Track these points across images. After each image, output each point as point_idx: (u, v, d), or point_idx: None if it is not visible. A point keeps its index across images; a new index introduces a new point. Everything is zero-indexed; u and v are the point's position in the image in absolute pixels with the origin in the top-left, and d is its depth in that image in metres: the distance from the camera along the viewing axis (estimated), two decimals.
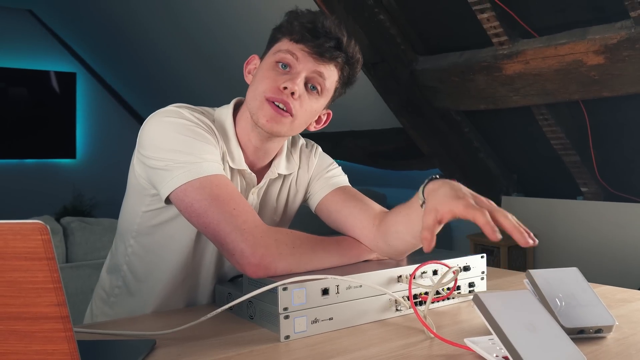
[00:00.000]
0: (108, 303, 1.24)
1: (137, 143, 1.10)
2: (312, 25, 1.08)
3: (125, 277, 1.21)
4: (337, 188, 1.23)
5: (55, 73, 5.93)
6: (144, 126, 1.09)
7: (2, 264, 0.59)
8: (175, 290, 1.17)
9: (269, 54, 1.13)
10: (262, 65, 1.13)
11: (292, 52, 1.09)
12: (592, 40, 2.29)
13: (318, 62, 1.09)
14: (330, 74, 1.12)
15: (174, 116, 1.07)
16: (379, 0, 2.91)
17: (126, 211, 1.20)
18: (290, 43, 1.09)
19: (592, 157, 2.88)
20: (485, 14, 2.46)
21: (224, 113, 1.17)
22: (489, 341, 0.81)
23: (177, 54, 4.77)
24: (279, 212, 1.25)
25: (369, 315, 1.00)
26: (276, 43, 1.12)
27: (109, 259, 1.28)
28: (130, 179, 1.16)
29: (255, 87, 1.11)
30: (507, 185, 3.61)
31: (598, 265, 2.92)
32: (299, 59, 1.09)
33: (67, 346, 0.61)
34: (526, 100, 2.76)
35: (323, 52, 1.08)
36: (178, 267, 1.15)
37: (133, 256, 1.19)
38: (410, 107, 3.24)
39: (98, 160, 6.13)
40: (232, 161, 1.14)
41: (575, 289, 0.95)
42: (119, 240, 1.23)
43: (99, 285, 1.30)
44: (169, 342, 0.89)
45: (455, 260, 1.11)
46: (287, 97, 1.08)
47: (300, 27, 1.08)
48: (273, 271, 0.96)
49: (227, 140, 1.14)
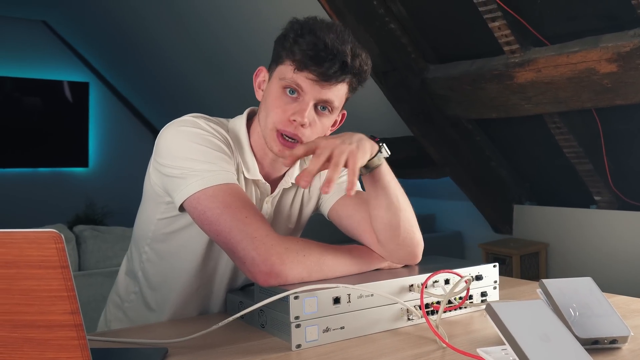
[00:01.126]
0: (122, 309, 1.25)
1: (154, 151, 1.11)
2: (313, 51, 1.04)
3: (141, 284, 1.22)
4: None
5: (69, 83, 5.99)
6: (160, 135, 1.10)
7: (17, 272, 0.59)
8: (189, 299, 1.17)
9: (275, 77, 1.11)
10: (270, 89, 1.12)
11: (297, 82, 1.07)
12: (604, 48, 2.28)
13: (324, 87, 1.08)
14: (338, 92, 1.10)
15: (190, 126, 1.08)
16: (389, 9, 2.91)
17: (141, 218, 1.21)
18: (293, 72, 1.07)
19: (606, 166, 2.86)
20: (497, 22, 2.46)
21: (237, 124, 1.18)
22: (502, 351, 0.80)
23: (187, 63, 4.81)
24: (292, 220, 1.26)
25: (381, 325, 0.99)
26: (280, 64, 1.10)
27: (126, 264, 1.29)
28: (146, 186, 1.17)
29: (267, 113, 1.11)
30: (520, 194, 3.59)
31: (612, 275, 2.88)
32: (305, 89, 1.07)
33: (81, 354, 0.61)
34: (538, 109, 2.75)
35: (328, 78, 1.06)
36: (192, 275, 1.15)
37: (147, 263, 1.19)
38: (421, 116, 3.24)
39: (110, 169, 6.17)
40: (248, 172, 1.15)
41: (589, 298, 0.94)
42: (134, 247, 1.24)
43: (113, 290, 1.31)
44: (181, 350, 0.90)
45: (467, 269, 1.10)
46: (297, 129, 1.08)
47: (302, 54, 1.05)
48: (284, 279, 0.96)
49: (242, 151, 1.15)
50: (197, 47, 4.52)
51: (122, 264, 1.31)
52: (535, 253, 3.34)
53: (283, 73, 1.08)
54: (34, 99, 5.85)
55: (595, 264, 3.07)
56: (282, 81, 1.09)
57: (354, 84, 1.13)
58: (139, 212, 1.23)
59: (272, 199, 1.20)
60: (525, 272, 3.27)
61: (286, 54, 1.08)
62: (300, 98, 1.08)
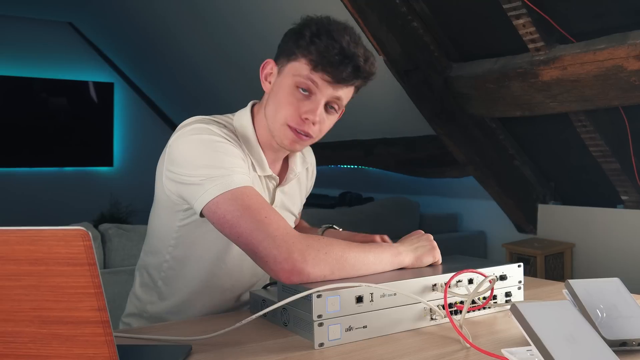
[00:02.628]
0: (143, 318, 1.26)
1: (167, 160, 1.12)
2: (330, 54, 1.08)
3: (161, 292, 1.23)
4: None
5: (94, 83, 6.08)
6: (172, 143, 1.11)
7: (46, 270, 0.61)
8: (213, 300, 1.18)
9: (287, 71, 1.13)
10: (281, 83, 1.14)
11: (312, 80, 1.11)
12: (632, 45, 2.23)
13: (337, 88, 1.12)
14: (348, 93, 1.16)
15: (202, 133, 1.09)
16: (412, 8, 2.90)
17: (158, 227, 1.22)
18: (309, 70, 1.10)
19: (633, 165, 2.80)
20: (521, 19, 2.43)
21: (244, 120, 1.20)
22: (527, 352, 0.79)
23: (208, 62, 4.85)
24: (299, 204, 1.36)
25: (404, 324, 0.99)
26: (293, 61, 1.12)
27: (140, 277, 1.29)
28: (158, 194, 1.18)
29: (276, 108, 1.14)
30: (544, 194, 3.54)
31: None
32: (319, 87, 1.11)
33: (107, 350, 0.62)
34: (564, 107, 2.71)
35: (341, 80, 1.11)
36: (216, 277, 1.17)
37: (170, 271, 1.20)
38: (444, 115, 3.22)
39: (134, 168, 6.25)
40: (261, 169, 1.18)
41: (617, 299, 0.93)
42: (153, 257, 1.24)
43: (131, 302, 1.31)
44: (205, 347, 0.90)
45: (492, 269, 1.09)
46: (309, 127, 1.13)
47: (319, 55, 1.09)
48: (306, 277, 0.97)
49: (252, 149, 1.18)
50: (218, 46, 4.55)
51: (135, 278, 1.31)
52: (560, 253, 3.29)
53: (297, 70, 1.11)
54: (60, 99, 5.95)
55: (622, 265, 3.01)
56: (296, 78, 1.11)
57: (360, 86, 1.18)
58: (152, 220, 1.24)
59: (282, 189, 1.26)
60: (550, 273, 3.22)
61: (302, 53, 1.11)
62: (312, 97, 1.12)
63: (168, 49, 5.10)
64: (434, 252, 1.14)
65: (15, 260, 0.60)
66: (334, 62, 1.08)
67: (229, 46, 4.44)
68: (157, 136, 6.23)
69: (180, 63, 5.19)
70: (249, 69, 4.47)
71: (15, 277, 0.61)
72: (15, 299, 0.61)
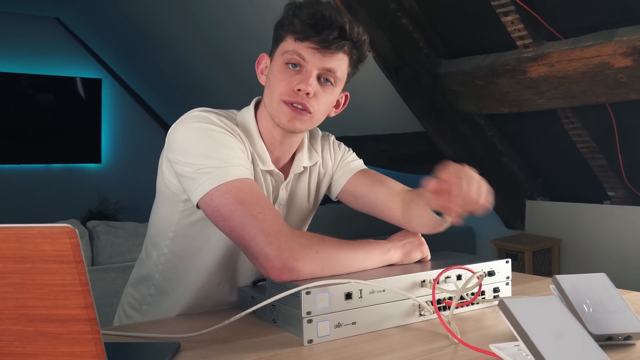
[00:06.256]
0: (140, 311, 1.25)
1: (166, 148, 1.11)
2: (312, 20, 1.07)
3: (158, 285, 1.22)
4: (356, 173, 1.30)
5: (82, 79, 6.03)
6: (171, 131, 1.10)
7: (32, 267, 0.60)
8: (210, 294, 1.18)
9: (277, 55, 1.13)
10: (272, 67, 1.14)
11: (299, 52, 1.09)
12: (619, 42, 2.25)
13: (326, 56, 1.10)
14: (340, 63, 1.13)
15: (201, 121, 1.08)
16: (401, 4, 2.90)
17: (158, 219, 1.21)
18: (295, 43, 1.10)
19: (620, 161, 2.83)
20: (509, 16, 2.44)
21: (246, 115, 1.19)
22: (515, 347, 0.80)
23: (198, 59, 4.82)
24: (311, 200, 1.29)
25: (392, 320, 0.99)
26: (281, 42, 1.12)
27: (136, 272, 1.28)
28: (159, 185, 1.17)
29: (271, 90, 1.13)
30: (532, 190, 3.56)
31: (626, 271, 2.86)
32: (307, 58, 1.10)
33: (95, 348, 0.62)
34: (551, 104, 2.73)
35: (329, 45, 1.09)
36: (213, 271, 1.16)
37: (167, 264, 1.19)
38: (433, 111, 3.23)
39: (123, 165, 6.21)
40: (262, 163, 1.16)
41: (603, 295, 0.94)
42: (152, 248, 1.23)
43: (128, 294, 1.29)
44: (194, 344, 0.90)
45: (480, 265, 1.10)
46: (303, 98, 1.10)
47: (302, 24, 1.08)
48: (296, 275, 0.96)
49: (253, 143, 1.16)
50: (207, 42, 4.52)
51: (134, 269, 1.30)
52: (547, 249, 3.32)
53: (284, 48, 1.11)
54: (47, 95, 5.89)
55: (608, 260, 3.05)
56: (284, 56, 1.11)
57: (354, 56, 1.15)
58: (154, 212, 1.23)
59: (286, 185, 1.22)
60: (538, 269, 3.25)
61: (286, 30, 1.11)
62: (302, 69, 1.11)
63: (157, 45, 5.06)
64: (422, 247, 1.15)
65: (1, 257, 0.60)
66: (317, 27, 1.07)
67: (219, 42, 4.42)
68: (146, 133, 6.20)
69: (169, 59, 5.16)
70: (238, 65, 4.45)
71: (1, 275, 0.60)
72: (0, 297, 0.61)
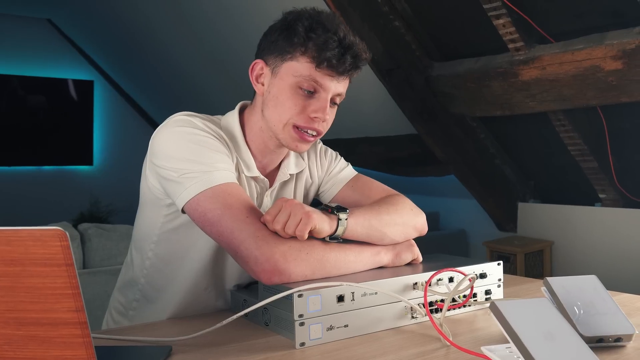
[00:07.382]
0: (127, 317, 1.24)
1: (149, 153, 1.10)
2: (329, 47, 1.05)
3: (144, 290, 1.21)
4: (346, 184, 1.29)
5: (73, 81, 6.00)
6: (155, 136, 1.09)
7: (22, 270, 0.60)
8: (197, 299, 1.17)
9: (285, 72, 1.09)
10: (280, 86, 1.10)
11: (316, 79, 1.08)
12: (610, 46, 2.27)
13: (340, 82, 1.11)
14: (347, 85, 1.14)
15: (185, 125, 1.07)
16: (394, 7, 2.91)
17: (143, 224, 1.20)
18: (311, 68, 1.07)
19: (611, 163, 2.85)
20: (501, 19, 2.45)
21: (230, 121, 1.17)
22: (506, 349, 0.80)
23: (191, 61, 4.82)
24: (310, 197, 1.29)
25: (385, 323, 0.99)
26: (290, 60, 1.08)
27: (122, 276, 1.28)
28: (143, 190, 1.16)
29: (280, 111, 1.10)
30: (524, 192, 3.58)
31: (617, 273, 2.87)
32: (324, 86, 1.09)
33: (85, 352, 0.62)
34: (543, 106, 2.74)
35: (345, 72, 1.09)
36: (200, 275, 1.15)
37: (151, 269, 1.19)
38: (425, 114, 3.24)
39: (115, 167, 6.19)
40: (247, 169, 1.15)
41: (594, 297, 0.94)
42: (136, 253, 1.22)
43: (115, 299, 1.29)
44: (185, 348, 0.90)
45: (472, 267, 1.10)
46: (319, 125, 1.11)
47: (318, 50, 1.05)
48: (287, 277, 0.96)
49: (238, 149, 1.15)
50: (201, 45, 4.52)
51: (120, 274, 1.29)
52: (539, 251, 3.34)
53: (298, 70, 1.08)
54: (39, 97, 5.86)
55: (599, 262, 3.06)
56: (298, 79, 1.08)
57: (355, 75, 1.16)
58: (138, 217, 1.22)
59: (271, 193, 1.21)
60: (530, 270, 3.26)
61: (299, 50, 1.07)
62: (317, 95, 1.09)
63: (149, 46, 5.05)
64: (413, 248, 1.15)
65: None
66: (336, 55, 1.06)
67: (211, 44, 4.41)
68: (138, 135, 6.18)
69: (161, 60, 5.15)
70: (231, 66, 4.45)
71: None
72: None
